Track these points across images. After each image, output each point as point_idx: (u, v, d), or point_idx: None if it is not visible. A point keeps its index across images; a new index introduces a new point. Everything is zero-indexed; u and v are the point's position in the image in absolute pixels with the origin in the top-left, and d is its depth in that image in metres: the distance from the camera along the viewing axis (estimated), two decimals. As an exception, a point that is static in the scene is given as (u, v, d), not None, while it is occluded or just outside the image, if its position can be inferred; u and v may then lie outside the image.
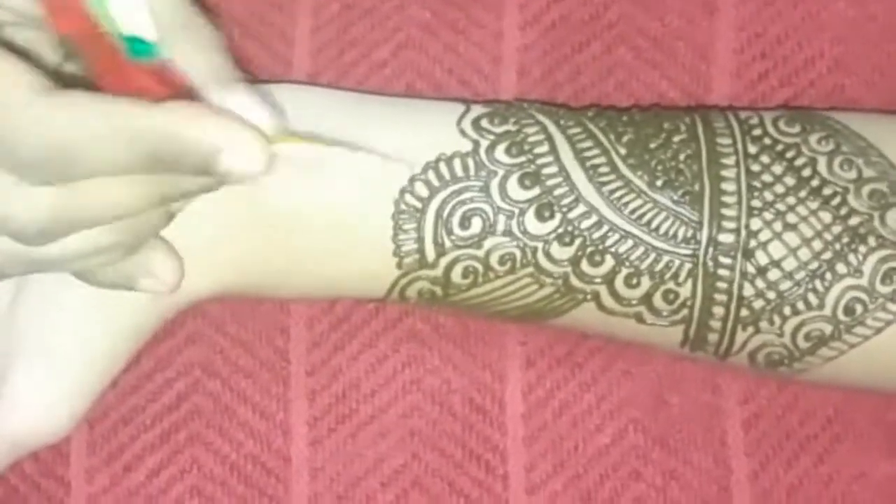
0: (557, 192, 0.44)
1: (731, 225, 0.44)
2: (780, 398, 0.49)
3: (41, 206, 0.38)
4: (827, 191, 0.45)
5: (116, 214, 0.39)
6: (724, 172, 0.45)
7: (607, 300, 0.45)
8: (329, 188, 0.44)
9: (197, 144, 0.38)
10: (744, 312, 0.44)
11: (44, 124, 0.37)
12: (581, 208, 0.44)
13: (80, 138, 0.37)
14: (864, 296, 0.44)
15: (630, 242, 0.44)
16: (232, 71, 0.40)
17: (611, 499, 0.49)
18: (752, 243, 0.44)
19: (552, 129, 0.45)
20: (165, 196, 0.40)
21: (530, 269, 0.44)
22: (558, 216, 0.44)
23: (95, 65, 0.38)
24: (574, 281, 0.45)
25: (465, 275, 0.45)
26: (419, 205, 0.44)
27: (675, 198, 0.44)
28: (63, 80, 0.38)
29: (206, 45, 0.40)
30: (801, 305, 0.44)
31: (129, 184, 0.39)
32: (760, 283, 0.44)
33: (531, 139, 0.45)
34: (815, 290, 0.44)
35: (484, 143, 0.45)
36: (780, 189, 0.45)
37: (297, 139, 0.41)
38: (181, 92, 0.39)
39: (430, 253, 0.44)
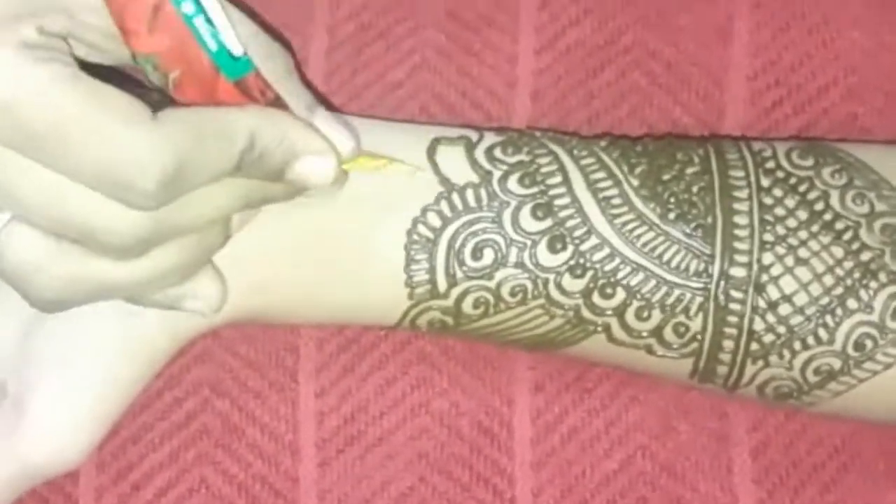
0: (570, 223, 0.44)
1: (744, 259, 0.44)
2: (788, 427, 0.49)
3: (135, 222, 0.38)
4: (839, 225, 0.45)
5: (201, 224, 0.40)
6: (736, 206, 0.45)
7: (618, 332, 0.45)
8: (341, 219, 0.44)
9: (276, 149, 0.39)
10: (754, 346, 0.44)
11: (163, 154, 0.37)
12: (593, 240, 0.44)
13: (192, 156, 0.38)
14: (874, 331, 0.44)
15: (641, 275, 0.44)
16: (311, 96, 0.42)
17: (617, 525, 0.49)
18: (764, 278, 0.44)
19: (565, 159, 0.45)
20: (248, 202, 0.41)
21: (541, 301, 0.44)
22: (570, 248, 0.44)
23: (184, 81, 0.39)
24: (585, 313, 0.45)
25: (476, 305, 0.45)
26: (431, 235, 0.44)
27: (688, 231, 0.44)
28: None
29: (285, 71, 0.41)
30: (811, 340, 0.44)
31: (215, 193, 0.40)
32: (771, 318, 0.44)
33: (544, 170, 0.45)
34: (825, 326, 0.44)
35: (497, 174, 0.45)
36: (792, 223, 0.45)
37: (370, 160, 0.43)
38: (266, 103, 0.40)
39: (442, 283, 0.44)
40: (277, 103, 0.41)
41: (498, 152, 0.45)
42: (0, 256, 0.39)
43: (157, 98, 0.40)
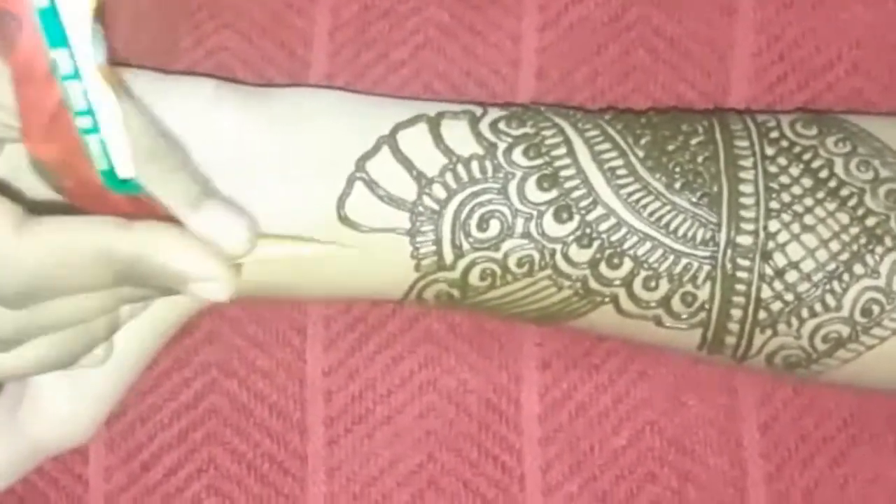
0: (575, 194, 0.44)
1: (750, 227, 0.44)
2: (797, 401, 0.49)
3: (5, 321, 0.39)
4: (844, 192, 0.45)
5: (78, 319, 0.40)
6: (741, 174, 0.45)
7: (625, 303, 0.45)
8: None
9: (166, 271, 0.39)
10: (762, 315, 0.44)
11: (20, 261, 0.37)
12: (599, 210, 0.44)
13: (57, 269, 0.38)
14: (881, 297, 0.44)
15: (648, 245, 0.44)
16: (202, 186, 0.40)
17: (626, 500, 0.49)
18: (771, 245, 0.44)
19: (570, 131, 0.45)
20: (125, 301, 0.41)
21: (548, 272, 0.44)
22: (577, 218, 0.44)
23: (73, 189, 0.39)
24: (592, 283, 0.45)
25: (483, 277, 0.45)
26: (437, 207, 0.44)
27: (694, 200, 0.44)
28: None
29: (174, 167, 0.40)
30: (818, 307, 0.44)
31: (92, 297, 0.39)
32: (778, 285, 0.44)
33: (549, 141, 0.45)
34: (832, 292, 0.44)
35: (501, 146, 0.45)
36: (797, 190, 0.45)
37: (274, 239, 0.42)
38: (156, 216, 0.39)
39: (448, 255, 0.44)
40: (169, 216, 0.40)
41: (502, 125, 0.45)
42: None
43: (46, 204, 0.40)
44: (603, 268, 0.44)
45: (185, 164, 0.40)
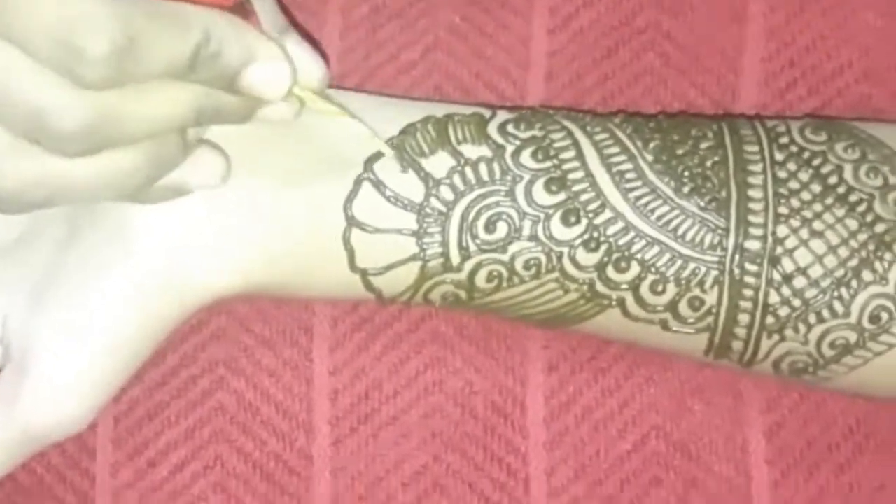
0: (584, 197, 0.44)
1: (758, 232, 0.44)
2: (803, 407, 0.49)
3: (85, 103, 0.38)
4: (853, 198, 0.45)
5: (154, 125, 0.40)
6: (750, 179, 0.45)
7: (633, 307, 0.45)
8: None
9: (232, 48, 0.40)
10: (769, 320, 0.44)
11: (116, 21, 0.37)
12: (607, 214, 0.44)
13: (145, 33, 0.38)
14: (889, 304, 0.44)
15: (656, 249, 0.44)
16: (285, 21, 0.42)
17: (631, 504, 0.49)
18: (779, 250, 0.44)
19: (578, 134, 0.45)
20: (201, 111, 0.41)
21: (556, 275, 0.45)
22: (584, 221, 0.44)
23: None
24: (599, 287, 0.45)
25: (489, 279, 0.45)
26: (444, 208, 0.44)
27: (702, 204, 0.44)
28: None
29: None
30: (826, 313, 0.44)
31: (168, 91, 0.40)
32: (786, 291, 0.44)
33: (557, 144, 0.45)
34: (840, 298, 0.44)
35: (509, 148, 0.45)
36: (806, 196, 0.45)
37: (332, 104, 0.43)
38: (237, 4, 0.40)
39: (455, 257, 0.44)
40: (248, 8, 0.41)
41: (511, 127, 0.45)
42: None
43: None
44: (610, 271, 0.44)
45: None
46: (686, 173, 0.45)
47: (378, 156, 0.45)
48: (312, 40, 0.48)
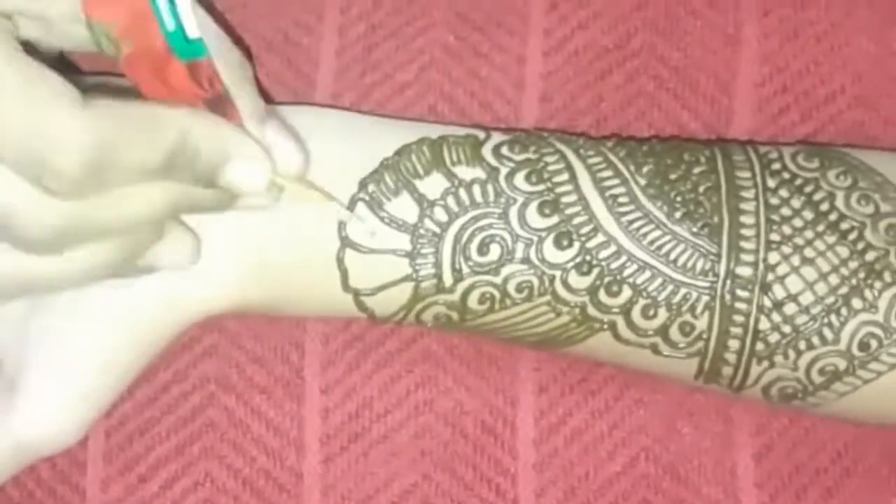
0: (576, 220, 0.45)
1: (750, 258, 0.44)
2: (792, 431, 0.49)
3: (54, 211, 0.38)
4: (844, 225, 0.45)
5: (128, 224, 0.40)
6: (743, 205, 0.45)
7: (624, 331, 0.45)
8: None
9: (209, 147, 0.39)
10: (759, 346, 0.45)
11: (87, 135, 0.37)
12: (600, 238, 0.44)
13: (116, 143, 0.38)
14: (879, 331, 0.44)
15: (648, 273, 0.44)
16: (263, 107, 0.42)
17: (620, 526, 0.49)
18: (770, 277, 0.44)
19: (572, 157, 0.45)
20: (176, 206, 0.41)
21: (547, 298, 0.45)
22: (577, 245, 0.44)
23: (132, 57, 0.39)
24: (591, 310, 0.45)
25: (481, 301, 0.45)
26: (438, 230, 0.44)
27: (694, 230, 0.45)
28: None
29: (240, 79, 0.41)
30: (816, 340, 0.45)
31: (142, 192, 0.40)
32: (777, 317, 0.44)
33: (551, 167, 0.45)
34: (830, 325, 0.44)
35: (503, 171, 0.45)
36: (798, 223, 0.45)
37: (312, 188, 0.43)
38: (214, 96, 0.40)
39: (448, 278, 0.45)
40: (225, 99, 0.40)
41: (505, 150, 0.46)
42: None
43: (91, 86, 0.40)
44: (602, 295, 0.45)
45: (252, 80, 0.42)
46: (678, 198, 0.45)
47: (373, 176, 0.45)
48: (309, 57, 0.48)
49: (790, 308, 0.44)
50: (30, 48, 0.40)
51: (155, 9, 0.37)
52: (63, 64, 0.44)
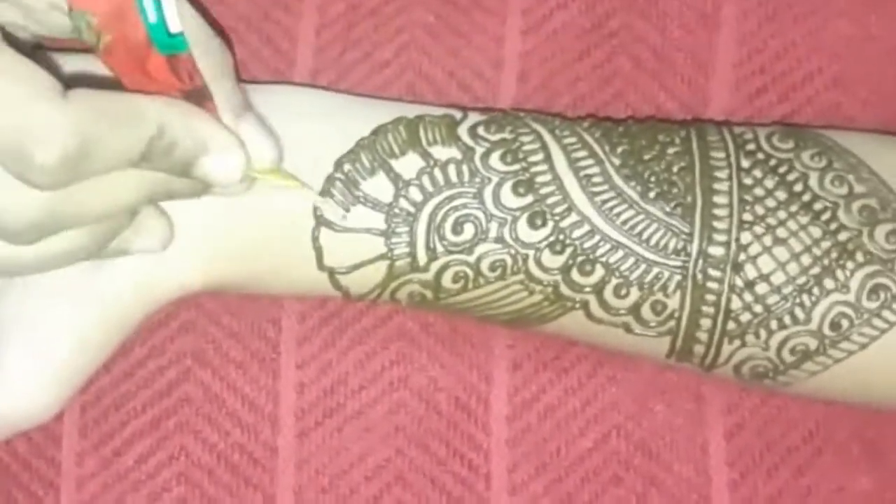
0: (550, 200, 0.45)
1: (722, 238, 0.45)
2: (763, 410, 0.50)
3: (34, 203, 0.39)
4: (818, 206, 0.45)
5: (104, 212, 0.40)
6: (716, 185, 0.45)
7: (596, 309, 0.45)
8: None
9: (185, 140, 0.40)
10: (731, 325, 0.45)
11: (68, 128, 0.37)
12: (573, 217, 0.45)
13: (97, 135, 0.38)
14: (850, 311, 0.45)
15: (621, 253, 0.45)
16: (242, 98, 0.42)
17: (590, 503, 0.49)
18: (742, 257, 0.45)
19: (547, 137, 0.46)
20: (152, 194, 0.41)
21: (521, 277, 0.45)
22: (550, 224, 0.45)
23: (112, 46, 0.39)
24: (564, 289, 0.45)
25: (455, 280, 0.45)
26: (412, 209, 0.45)
27: (668, 209, 0.45)
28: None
29: (220, 70, 0.41)
30: (787, 319, 0.45)
31: (119, 180, 0.40)
32: (748, 297, 0.45)
33: (526, 147, 0.45)
34: (801, 305, 0.45)
35: (479, 150, 0.45)
36: (771, 203, 0.45)
37: (286, 178, 0.43)
38: (192, 89, 0.40)
39: (422, 257, 0.45)
40: (203, 92, 0.41)
41: (481, 130, 0.46)
42: None
43: (70, 76, 0.40)
44: (574, 274, 0.45)
45: (232, 72, 0.42)
46: (652, 178, 0.45)
47: (349, 155, 0.45)
48: (288, 34, 0.48)
49: (762, 288, 0.45)
50: (7, 36, 0.40)
51: (138, 1, 0.38)
52: (41, 50, 0.44)
